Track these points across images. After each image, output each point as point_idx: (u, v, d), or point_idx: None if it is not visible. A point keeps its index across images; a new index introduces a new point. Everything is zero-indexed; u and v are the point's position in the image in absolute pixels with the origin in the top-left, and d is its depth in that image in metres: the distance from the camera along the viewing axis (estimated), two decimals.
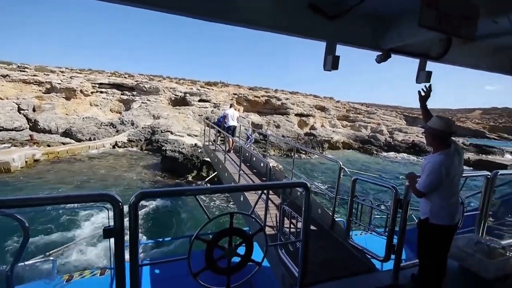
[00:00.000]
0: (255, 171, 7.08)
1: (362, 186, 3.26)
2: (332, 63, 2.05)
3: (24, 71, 26.32)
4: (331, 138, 32.42)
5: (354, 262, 3.12)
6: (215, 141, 9.14)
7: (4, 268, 1.39)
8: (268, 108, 35.05)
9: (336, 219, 3.94)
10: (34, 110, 23.98)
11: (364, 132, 37.83)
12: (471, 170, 20.04)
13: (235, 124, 8.68)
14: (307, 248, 1.82)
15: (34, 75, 25.97)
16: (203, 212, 1.54)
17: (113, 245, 1.27)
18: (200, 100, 31.19)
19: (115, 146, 22.10)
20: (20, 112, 23.05)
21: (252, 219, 1.65)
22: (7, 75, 24.37)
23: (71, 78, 27.44)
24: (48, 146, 19.40)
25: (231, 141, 8.34)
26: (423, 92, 2.44)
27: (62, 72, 29.22)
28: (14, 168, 14.37)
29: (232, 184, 5.72)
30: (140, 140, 23.60)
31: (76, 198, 1.37)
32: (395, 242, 2.53)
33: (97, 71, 32.57)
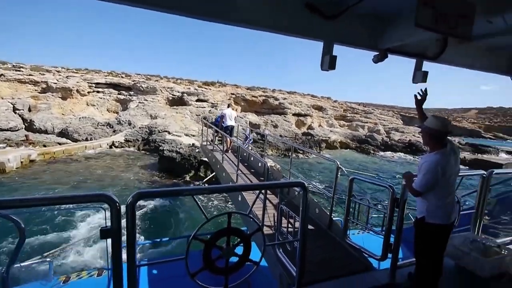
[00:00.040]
0: (253, 171, 7.07)
1: (360, 185, 3.27)
2: (329, 63, 2.07)
3: (19, 71, 26.00)
4: (329, 137, 32.48)
5: (352, 261, 3.14)
6: (212, 141, 9.12)
7: None
8: (266, 108, 35.02)
9: (333, 219, 3.96)
10: (29, 110, 23.68)
11: (361, 131, 37.98)
12: (467, 169, 20.21)
13: (233, 124, 8.67)
14: (305, 248, 1.82)
15: (30, 75, 25.67)
16: (201, 212, 1.54)
17: (110, 245, 1.27)
18: (197, 100, 31.09)
19: (112, 146, 21.94)
20: (15, 112, 22.74)
21: (250, 219, 1.65)
22: (2, 75, 24.08)
23: (67, 77, 27.17)
24: (44, 146, 19.18)
25: (229, 141, 8.33)
26: (419, 96, 2.47)
27: (58, 71, 28.95)
28: (9, 169, 14.22)
29: (230, 184, 5.71)
30: (137, 140, 23.45)
31: (73, 199, 1.35)
32: (392, 241, 2.54)
33: (93, 71, 32.31)
